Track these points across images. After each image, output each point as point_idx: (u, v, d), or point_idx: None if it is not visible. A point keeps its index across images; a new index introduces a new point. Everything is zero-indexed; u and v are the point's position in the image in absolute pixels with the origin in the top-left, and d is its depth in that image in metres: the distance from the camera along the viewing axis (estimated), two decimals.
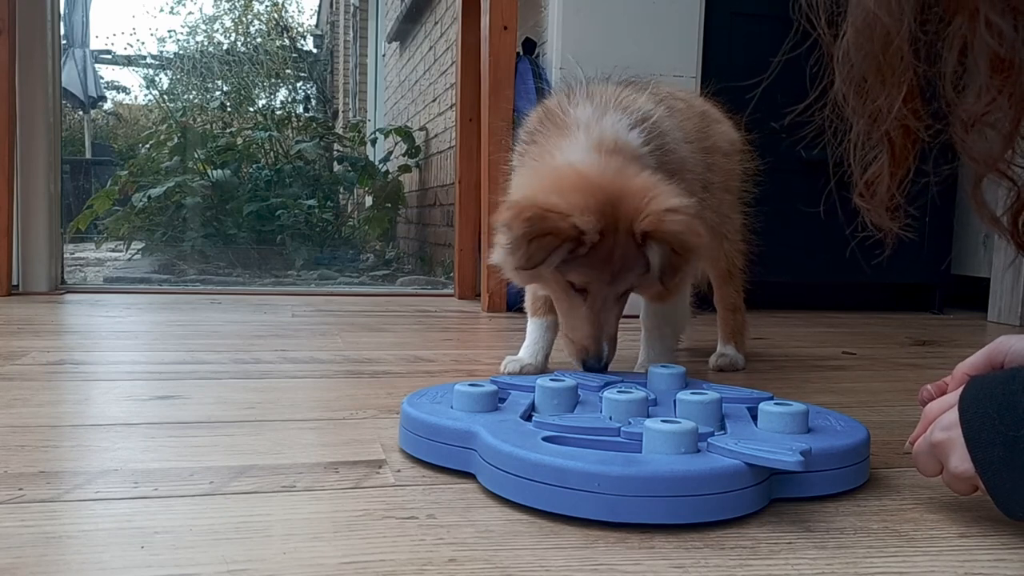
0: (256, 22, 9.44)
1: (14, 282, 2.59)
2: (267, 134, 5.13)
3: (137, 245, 4.68)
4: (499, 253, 1.22)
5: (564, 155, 1.22)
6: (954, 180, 0.75)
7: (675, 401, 0.96)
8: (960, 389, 0.75)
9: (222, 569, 0.62)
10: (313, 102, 8.31)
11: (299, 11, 15.48)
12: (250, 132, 5.44)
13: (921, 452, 0.79)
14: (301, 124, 5.67)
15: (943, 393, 0.84)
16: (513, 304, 2.55)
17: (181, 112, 5.98)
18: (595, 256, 1.16)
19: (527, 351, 1.43)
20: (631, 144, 1.23)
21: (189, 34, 9.74)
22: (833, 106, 0.76)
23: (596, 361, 1.19)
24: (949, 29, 0.67)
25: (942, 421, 0.75)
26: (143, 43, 17.04)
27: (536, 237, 1.12)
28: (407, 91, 5.84)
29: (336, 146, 5.73)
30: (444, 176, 4.28)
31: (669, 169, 1.27)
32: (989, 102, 0.65)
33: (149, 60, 8.57)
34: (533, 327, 1.45)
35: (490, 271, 2.49)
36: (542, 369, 1.41)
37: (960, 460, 0.73)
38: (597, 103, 1.28)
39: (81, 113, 7.39)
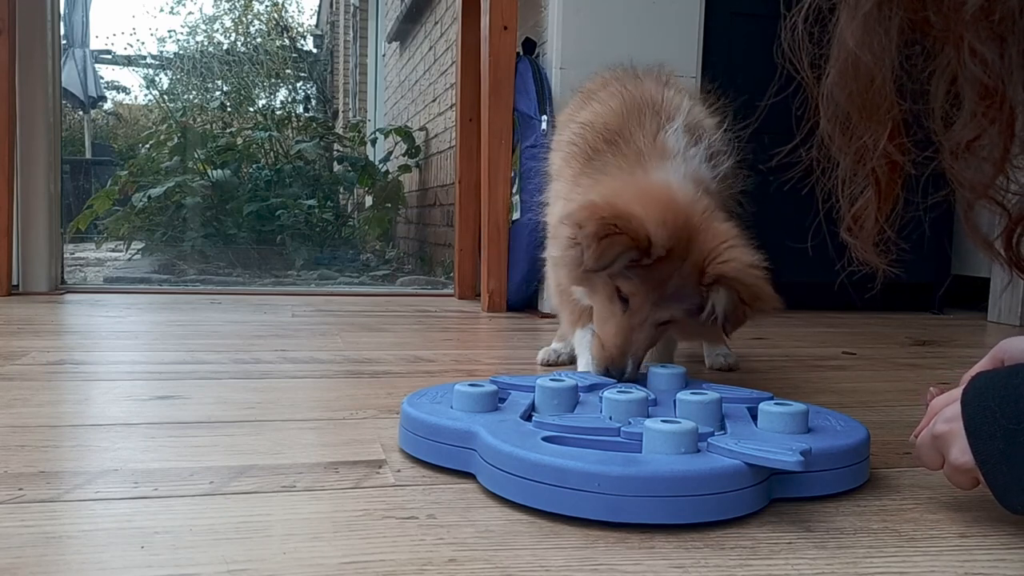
0: (256, 22, 9.46)
1: (14, 282, 2.59)
2: (267, 134, 5.13)
3: (137, 245, 4.68)
4: (560, 248, 1.21)
5: (661, 175, 1.24)
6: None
7: (675, 401, 0.96)
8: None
9: (222, 569, 0.62)
10: (313, 102, 8.32)
11: (299, 11, 15.54)
12: (250, 132, 5.44)
13: (923, 444, 0.79)
14: (301, 124, 5.67)
15: None
16: (513, 305, 2.55)
17: (181, 112, 5.98)
18: (653, 272, 1.15)
19: (586, 362, 1.33)
20: (707, 177, 1.27)
21: (189, 34, 9.78)
22: (820, 144, 0.76)
23: (618, 374, 1.17)
24: (935, 63, 0.66)
25: (945, 413, 0.76)
26: (143, 43, 17.08)
27: (608, 236, 1.11)
28: (407, 91, 5.84)
29: (336, 146, 5.73)
30: (444, 176, 4.28)
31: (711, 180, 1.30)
32: (977, 129, 0.65)
33: (149, 60, 8.59)
34: (584, 339, 1.36)
35: (489, 270, 2.51)
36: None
37: (960, 452, 0.73)
38: (681, 117, 1.30)
39: (81, 113, 7.40)
